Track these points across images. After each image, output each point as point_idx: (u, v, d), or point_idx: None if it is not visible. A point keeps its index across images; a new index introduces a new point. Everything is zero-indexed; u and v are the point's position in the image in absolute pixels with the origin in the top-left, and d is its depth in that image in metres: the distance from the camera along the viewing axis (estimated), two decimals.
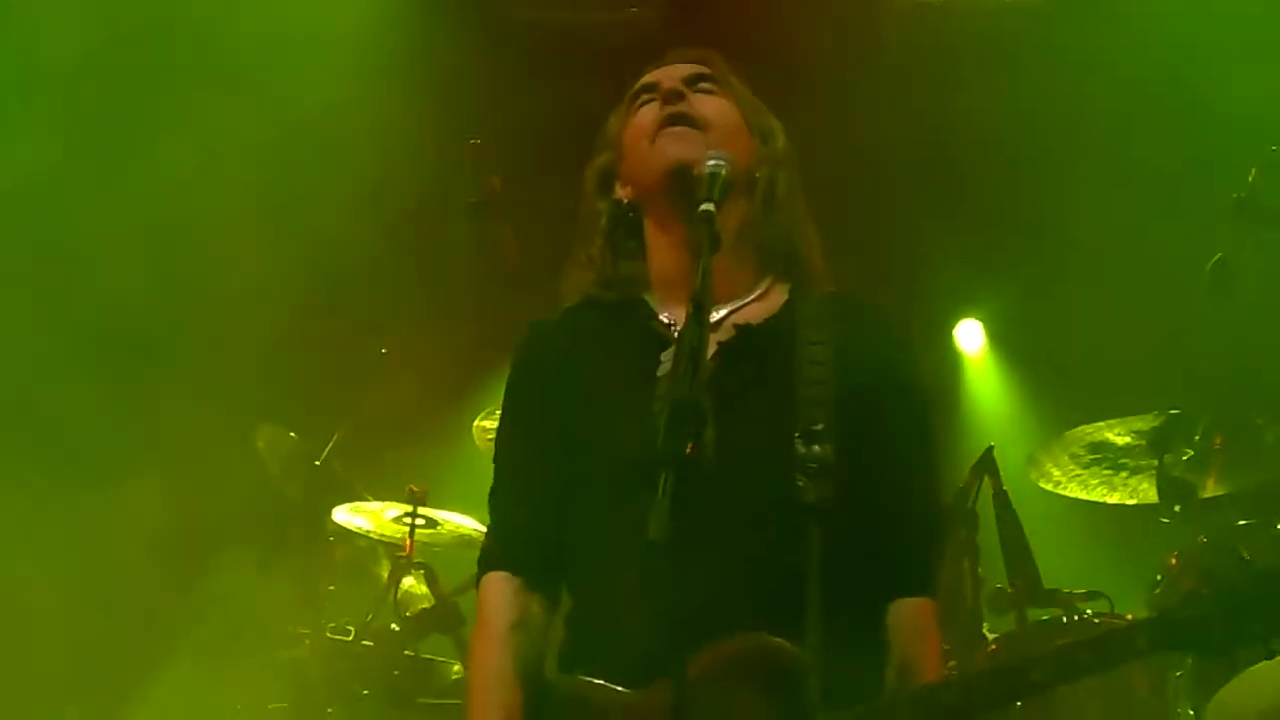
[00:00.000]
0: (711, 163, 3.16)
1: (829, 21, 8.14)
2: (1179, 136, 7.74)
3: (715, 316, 3.22)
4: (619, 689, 3.06)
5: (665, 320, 3.32)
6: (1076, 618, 5.37)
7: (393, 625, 6.05)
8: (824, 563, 3.06)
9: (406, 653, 6.02)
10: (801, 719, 2.94)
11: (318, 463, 6.13)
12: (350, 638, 6.06)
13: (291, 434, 6.29)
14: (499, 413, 3.53)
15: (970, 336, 8.92)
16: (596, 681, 3.09)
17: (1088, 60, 7.90)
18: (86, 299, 7.01)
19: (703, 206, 3.05)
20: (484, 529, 3.52)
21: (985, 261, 8.37)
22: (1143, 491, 5.96)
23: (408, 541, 6.08)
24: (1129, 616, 5.51)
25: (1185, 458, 5.77)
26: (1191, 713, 5.27)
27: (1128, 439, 5.81)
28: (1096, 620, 5.35)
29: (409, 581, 6.22)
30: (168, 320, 7.34)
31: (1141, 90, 7.86)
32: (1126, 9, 7.82)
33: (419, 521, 6.14)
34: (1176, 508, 5.70)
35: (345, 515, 6.12)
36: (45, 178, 6.88)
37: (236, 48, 7.31)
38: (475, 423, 6.70)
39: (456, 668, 6.05)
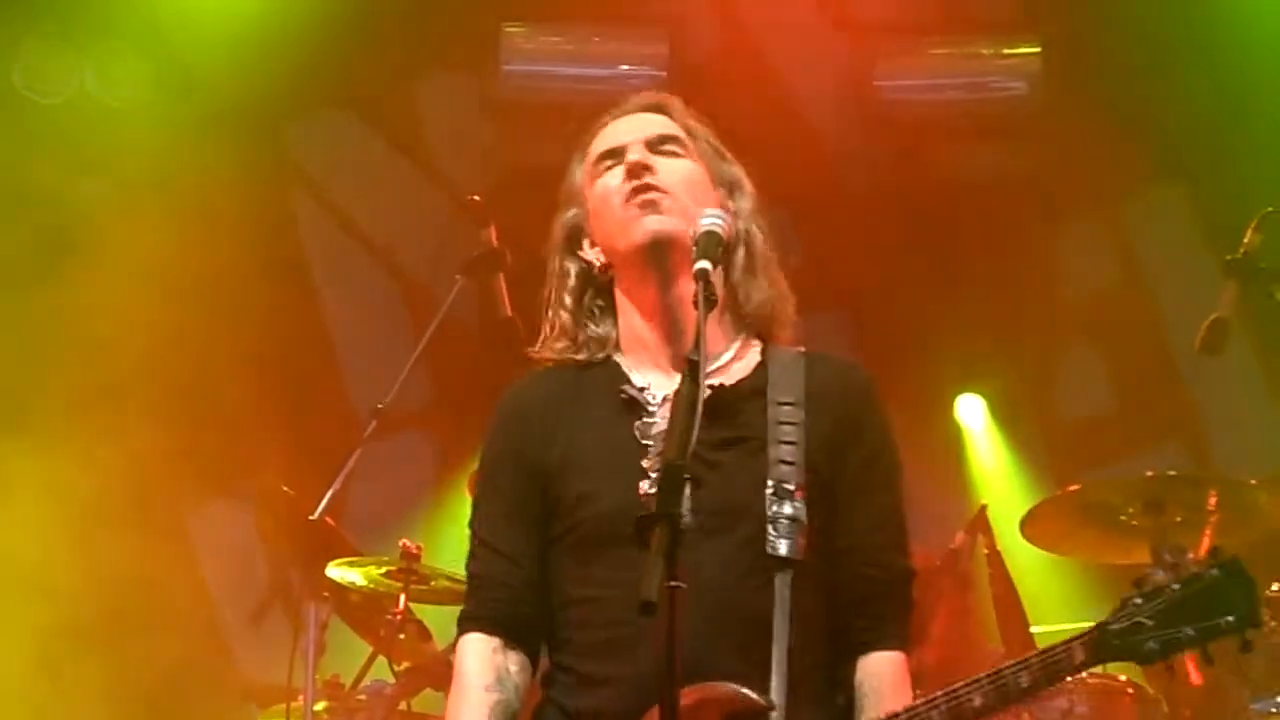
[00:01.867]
0: (708, 221, 3.18)
1: (828, 93, 8.18)
2: (1177, 199, 7.80)
3: None
4: None
5: (638, 384, 3.33)
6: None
7: (386, 680, 6.03)
8: (796, 615, 3.11)
9: (400, 707, 6.01)
10: None
11: (312, 518, 6.11)
12: (344, 692, 6.05)
13: (285, 488, 6.27)
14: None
15: (971, 411, 8.91)
16: None
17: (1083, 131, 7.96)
18: None
19: (699, 264, 3.07)
20: None
21: (984, 335, 8.36)
22: (1136, 551, 5.94)
23: (402, 597, 6.06)
24: (1122, 677, 5.52)
25: (1179, 519, 5.76)
26: None
27: (1122, 499, 5.79)
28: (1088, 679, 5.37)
29: (402, 637, 6.20)
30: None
31: (1137, 155, 7.93)
32: (1122, 78, 7.90)
33: (412, 577, 6.12)
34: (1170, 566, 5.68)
35: (339, 571, 6.10)
36: None
37: None
38: (470, 476, 6.68)
39: None
